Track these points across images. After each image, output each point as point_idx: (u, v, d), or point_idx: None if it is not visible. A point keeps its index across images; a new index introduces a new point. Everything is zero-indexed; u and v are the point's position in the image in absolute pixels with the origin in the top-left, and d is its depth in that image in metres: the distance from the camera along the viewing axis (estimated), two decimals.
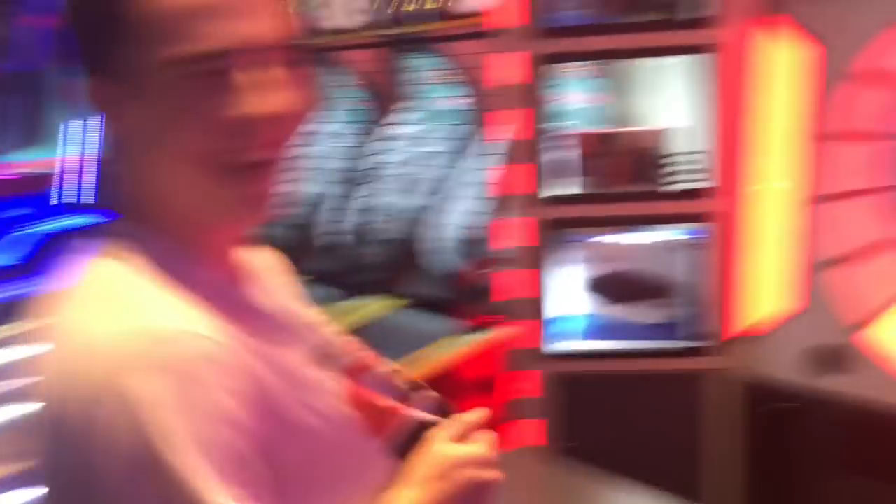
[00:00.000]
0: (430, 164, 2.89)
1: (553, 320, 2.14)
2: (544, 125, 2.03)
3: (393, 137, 3.02)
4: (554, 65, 2.03)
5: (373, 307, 2.81)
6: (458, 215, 2.69)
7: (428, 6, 2.45)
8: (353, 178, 3.09)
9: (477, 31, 2.42)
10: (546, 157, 2.04)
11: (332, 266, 3.00)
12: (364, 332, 1.98)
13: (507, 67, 2.03)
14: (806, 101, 1.95)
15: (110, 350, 0.65)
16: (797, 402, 1.98)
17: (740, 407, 2.08)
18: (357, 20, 2.86)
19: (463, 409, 0.88)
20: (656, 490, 1.63)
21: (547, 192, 2.06)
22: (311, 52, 3.20)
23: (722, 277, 2.06)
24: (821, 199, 1.97)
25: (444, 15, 2.62)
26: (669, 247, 2.15)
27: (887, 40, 1.84)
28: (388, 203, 2.93)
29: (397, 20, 2.72)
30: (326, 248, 3.07)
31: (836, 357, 1.95)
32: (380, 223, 2.94)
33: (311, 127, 3.48)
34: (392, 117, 3.05)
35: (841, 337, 1.93)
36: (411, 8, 2.62)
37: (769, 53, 1.99)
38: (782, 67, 1.97)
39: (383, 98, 2.97)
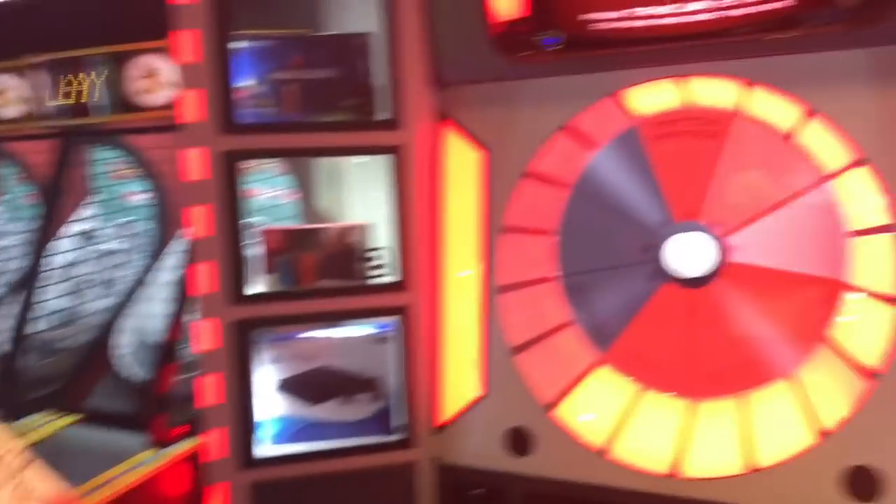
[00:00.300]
0: (114, 264, 2.68)
1: (253, 425, 2.03)
2: (231, 222, 1.96)
3: (70, 235, 2.78)
4: (241, 161, 1.98)
5: (49, 426, 2.50)
6: (146, 319, 2.50)
7: (107, 98, 2.30)
8: (26, 281, 2.77)
9: (163, 125, 2.33)
10: (234, 254, 1.96)
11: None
12: (41, 453, 1.74)
13: (192, 163, 1.95)
14: (483, 198, 2.09)
15: None
16: (486, 486, 2.04)
17: (441, 495, 2.11)
18: (33, 109, 2.63)
19: None
20: None
21: (238, 291, 1.98)
22: None
23: (417, 369, 2.10)
24: (505, 288, 2.10)
25: (130, 107, 2.49)
26: (367, 341, 2.15)
27: (556, 143, 2.04)
28: (63, 307, 2.66)
29: (80, 111, 2.53)
30: None
31: (527, 439, 2.05)
32: (56, 330, 2.65)
33: None
34: (72, 213, 2.82)
35: (531, 419, 2.04)
36: (96, 98, 2.45)
37: (446, 155, 2.12)
38: (457, 168, 2.10)
39: (62, 193, 2.72)
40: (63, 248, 2.76)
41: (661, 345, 2.00)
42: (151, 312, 2.50)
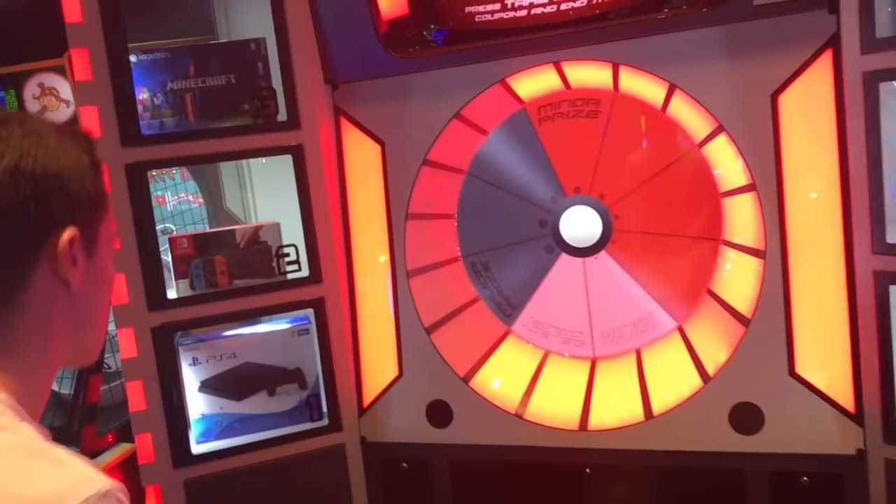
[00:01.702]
0: None
1: (184, 425, 2.10)
2: (141, 231, 2.01)
3: None
4: (145, 171, 2.03)
5: None
6: None
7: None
8: None
9: None
10: (147, 263, 2.02)
11: None
12: None
13: None
14: (385, 188, 2.19)
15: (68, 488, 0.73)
16: (412, 458, 2.17)
17: (372, 472, 2.23)
18: None
19: None
20: None
21: (154, 298, 2.04)
22: None
23: (337, 356, 2.20)
24: (414, 272, 2.22)
25: None
26: (286, 334, 2.24)
27: (450, 131, 2.15)
28: None
29: None
30: None
31: (446, 411, 2.17)
32: None
33: None
34: None
35: (448, 392, 2.17)
36: None
37: (346, 151, 2.21)
38: (358, 162, 2.20)
39: None
40: None
41: (561, 311, 2.16)
42: None
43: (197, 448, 2.13)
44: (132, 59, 2.04)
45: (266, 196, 2.62)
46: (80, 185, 0.86)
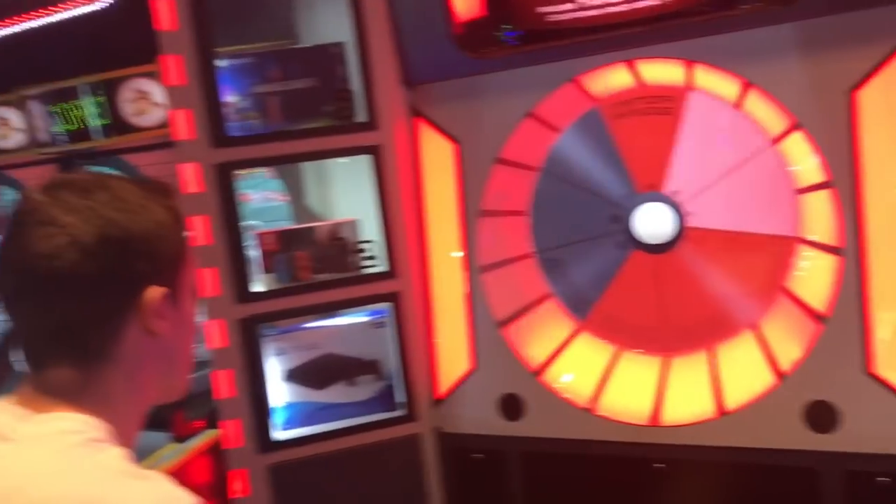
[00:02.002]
0: None
1: (267, 413, 2.20)
2: (229, 228, 2.12)
3: None
4: (233, 171, 2.14)
5: None
6: None
7: (108, 120, 2.46)
8: None
9: (157, 143, 2.49)
10: (234, 257, 2.12)
11: None
12: None
13: (188, 177, 2.11)
14: (460, 186, 2.25)
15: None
16: (484, 450, 2.23)
17: (445, 462, 2.29)
18: (33, 137, 2.78)
19: None
20: None
21: (241, 291, 2.15)
22: None
23: (413, 348, 2.27)
24: (487, 267, 2.27)
25: (125, 128, 2.63)
26: (364, 327, 2.32)
27: (523, 130, 2.19)
28: None
29: (78, 136, 2.68)
30: None
31: (518, 404, 2.22)
32: None
33: None
34: None
35: (520, 385, 2.21)
36: (92, 122, 2.60)
37: (422, 150, 2.28)
38: (433, 161, 2.27)
39: None
40: None
41: (633, 308, 2.18)
42: None
43: (280, 435, 2.23)
44: (220, 64, 2.14)
45: (345, 194, 2.71)
46: (163, 243, 0.92)
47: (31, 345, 0.90)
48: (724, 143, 2.07)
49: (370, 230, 2.32)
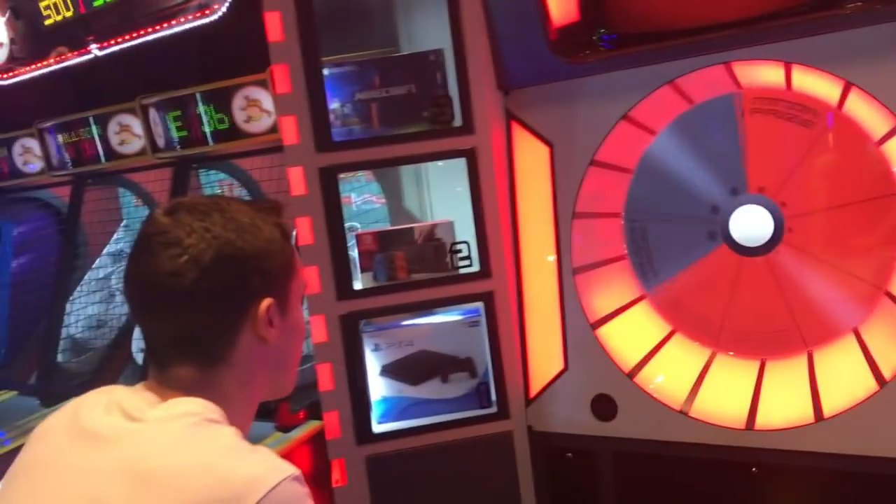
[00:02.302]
0: None
1: (366, 405, 2.30)
2: (331, 228, 2.22)
3: None
4: (336, 174, 2.24)
5: None
6: None
7: (220, 126, 2.61)
8: None
9: (266, 148, 2.62)
10: (336, 256, 2.22)
11: None
12: None
13: (294, 179, 2.22)
14: (553, 188, 2.29)
15: (267, 471, 0.92)
16: (574, 450, 2.26)
17: (538, 459, 2.33)
18: (152, 143, 2.96)
19: None
20: None
21: (343, 288, 2.25)
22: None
23: (506, 347, 2.32)
24: (580, 269, 2.30)
25: (236, 134, 2.77)
26: (459, 325, 2.39)
27: (620, 133, 2.22)
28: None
29: (192, 141, 2.84)
30: None
31: (611, 404, 2.24)
32: None
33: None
34: None
35: (613, 386, 2.23)
36: (206, 128, 2.76)
37: (516, 153, 2.33)
38: (528, 164, 2.31)
39: None
40: None
41: (729, 311, 2.16)
42: None
43: (378, 427, 2.32)
44: (325, 72, 2.25)
45: (441, 196, 2.79)
46: (274, 259, 1.03)
47: (156, 347, 1.02)
48: (850, 173, 1.99)
49: (465, 231, 2.38)
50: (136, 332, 3.23)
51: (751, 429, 2.06)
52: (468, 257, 2.34)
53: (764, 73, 2.06)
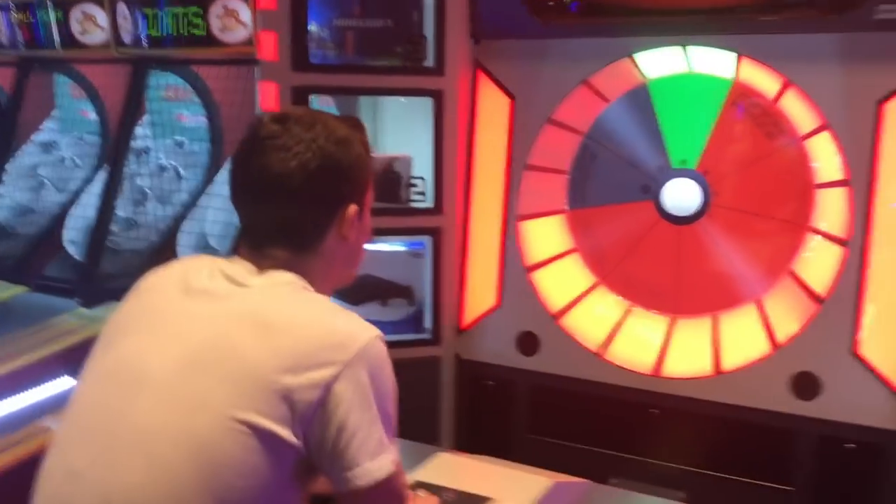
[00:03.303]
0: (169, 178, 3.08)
1: None
2: None
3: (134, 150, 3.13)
4: (308, 95, 2.32)
5: None
6: (210, 225, 2.87)
7: (194, 31, 2.61)
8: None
9: (233, 60, 2.66)
10: None
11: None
12: None
13: (266, 96, 2.29)
14: (510, 139, 2.46)
15: (363, 329, 1.09)
16: (496, 379, 2.49)
17: (461, 385, 2.54)
18: (114, 37, 2.91)
19: None
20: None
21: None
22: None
23: (446, 281, 2.50)
24: (524, 217, 2.48)
25: (205, 41, 2.74)
26: (404, 255, 2.54)
27: (576, 96, 2.39)
28: (127, 214, 3.06)
29: (157, 42, 2.80)
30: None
31: (535, 341, 2.45)
32: (121, 233, 3.04)
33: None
34: (132, 130, 3.14)
35: (539, 325, 2.44)
36: (174, 31, 2.73)
37: (479, 101, 2.47)
38: (488, 112, 2.46)
39: (131, 114, 3.04)
40: (126, 163, 3.11)
41: (650, 272, 2.40)
42: (212, 220, 2.87)
43: None
44: None
45: (394, 131, 2.90)
46: (362, 172, 1.19)
47: (256, 230, 1.17)
48: (758, 133, 2.26)
49: (419, 168, 2.52)
50: (69, 222, 3.21)
51: (657, 375, 2.32)
52: (423, 193, 2.48)
53: (665, 59, 2.30)
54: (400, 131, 2.85)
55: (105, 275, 2.95)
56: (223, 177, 2.95)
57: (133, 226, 3.12)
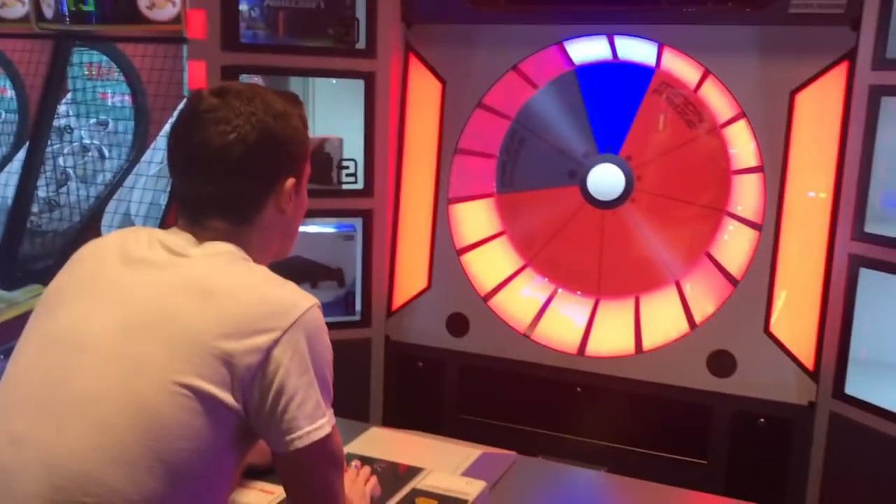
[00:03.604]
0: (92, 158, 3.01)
1: None
2: None
3: (56, 129, 3.05)
4: (238, 75, 2.30)
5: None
6: (134, 206, 2.82)
7: (121, 7, 2.56)
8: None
9: (159, 38, 2.62)
10: None
11: None
12: None
13: (194, 75, 2.27)
14: (441, 123, 2.49)
15: (302, 297, 1.11)
16: (426, 360, 2.53)
17: (391, 366, 2.57)
18: (36, 11, 2.82)
19: None
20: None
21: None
22: None
23: (376, 263, 2.52)
24: (454, 200, 2.52)
25: (133, 18, 2.68)
26: (334, 237, 2.55)
27: (506, 81, 2.43)
28: (48, 195, 2.97)
29: (81, 17, 2.73)
30: None
31: (464, 323, 2.49)
32: (42, 214, 2.96)
33: None
34: (53, 108, 3.07)
35: (468, 307, 2.49)
36: (112, 9, 2.66)
37: (410, 84, 2.50)
38: (420, 96, 2.49)
39: (52, 90, 2.96)
40: (47, 142, 3.02)
41: (575, 255, 2.46)
42: (138, 200, 2.82)
43: None
44: None
45: (324, 113, 2.90)
46: (299, 146, 1.21)
47: (194, 203, 1.17)
48: (679, 120, 2.34)
49: (350, 150, 2.53)
50: None
51: (581, 355, 2.39)
52: (353, 175, 2.49)
53: (592, 48, 2.37)
54: (331, 113, 2.86)
55: (25, 256, 2.87)
56: (149, 157, 2.90)
57: (55, 206, 3.04)
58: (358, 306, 2.56)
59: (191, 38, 2.28)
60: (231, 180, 1.14)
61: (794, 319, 2.16)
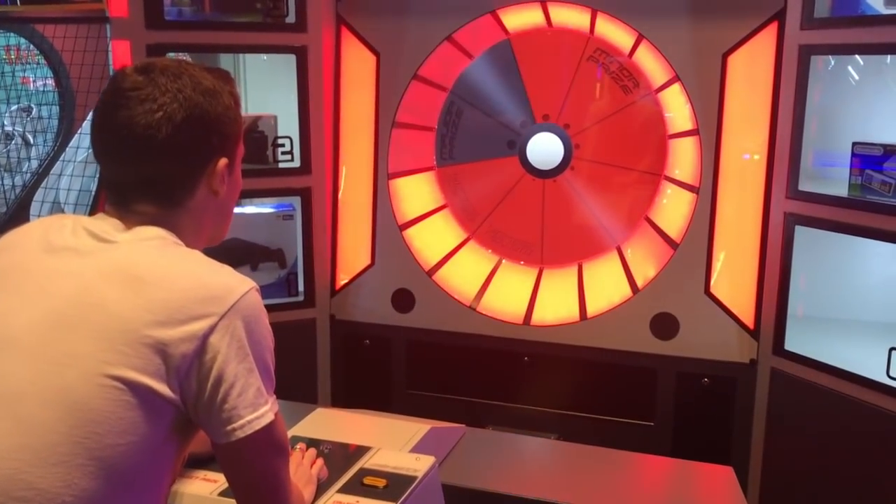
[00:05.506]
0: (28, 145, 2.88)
1: None
2: None
3: None
4: (164, 54, 2.22)
5: None
6: (65, 193, 2.72)
7: None
8: None
9: (78, 17, 2.51)
10: None
11: None
12: None
13: (119, 55, 2.18)
14: (377, 96, 2.45)
15: (238, 281, 1.05)
16: (372, 337, 2.51)
17: (337, 345, 2.54)
18: None
19: None
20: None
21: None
22: None
23: (317, 242, 2.48)
24: (394, 174, 2.49)
25: None
26: (273, 217, 2.50)
27: (441, 51, 2.40)
28: None
29: None
30: None
31: (410, 298, 2.48)
32: None
33: None
34: None
35: (413, 283, 2.47)
36: None
37: (344, 57, 2.45)
38: (354, 69, 2.44)
39: None
40: None
41: (518, 225, 2.46)
42: (66, 188, 2.72)
43: None
44: None
45: (256, 90, 2.83)
46: (231, 124, 1.15)
47: (121, 186, 1.11)
48: (614, 86, 2.35)
49: (284, 127, 2.47)
50: None
51: (527, 324, 2.39)
52: (290, 152, 2.44)
53: (525, 16, 2.35)
54: (263, 90, 2.79)
55: None
56: (76, 142, 2.80)
57: None
58: (301, 287, 2.52)
59: (113, 17, 2.19)
60: (159, 162, 1.09)
61: (734, 279, 2.19)
